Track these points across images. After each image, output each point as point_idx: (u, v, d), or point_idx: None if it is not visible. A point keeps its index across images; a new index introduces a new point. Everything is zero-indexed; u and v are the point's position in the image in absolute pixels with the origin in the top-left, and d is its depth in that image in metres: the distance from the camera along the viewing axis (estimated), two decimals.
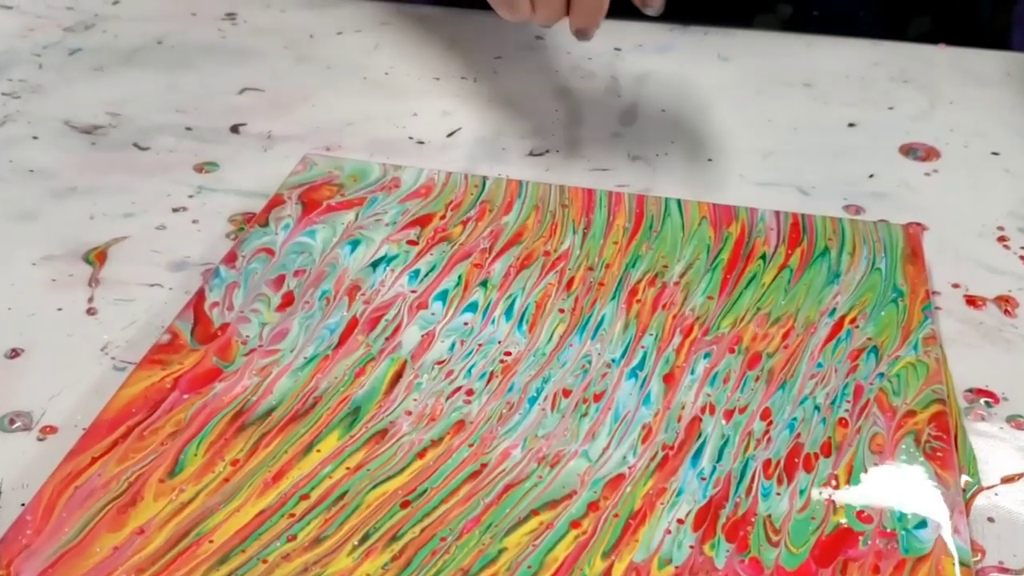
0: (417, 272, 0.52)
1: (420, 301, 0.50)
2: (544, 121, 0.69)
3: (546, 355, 0.47)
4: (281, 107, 0.70)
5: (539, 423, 0.44)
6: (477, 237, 0.54)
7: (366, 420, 0.44)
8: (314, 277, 0.51)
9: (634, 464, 0.43)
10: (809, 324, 0.49)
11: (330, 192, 0.57)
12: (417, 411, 0.44)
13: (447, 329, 0.49)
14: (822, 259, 0.53)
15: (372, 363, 0.47)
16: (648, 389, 0.46)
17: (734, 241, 0.54)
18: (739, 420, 0.44)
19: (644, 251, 0.54)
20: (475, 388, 0.46)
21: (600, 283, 0.52)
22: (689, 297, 0.51)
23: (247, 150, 0.65)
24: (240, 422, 0.44)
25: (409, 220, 0.55)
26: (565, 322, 0.49)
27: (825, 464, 0.43)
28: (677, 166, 0.65)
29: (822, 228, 0.55)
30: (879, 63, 0.77)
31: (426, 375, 0.46)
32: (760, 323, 0.49)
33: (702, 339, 0.48)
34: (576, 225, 0.55)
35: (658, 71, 0.75)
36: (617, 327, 0.49)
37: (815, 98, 0.73)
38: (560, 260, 0.53)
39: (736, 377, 0.46)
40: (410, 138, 0.67)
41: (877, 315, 0.50)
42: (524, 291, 0.51)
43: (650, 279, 0.52)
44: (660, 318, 0.49)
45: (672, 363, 0.47)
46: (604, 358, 0.47)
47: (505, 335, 0.48)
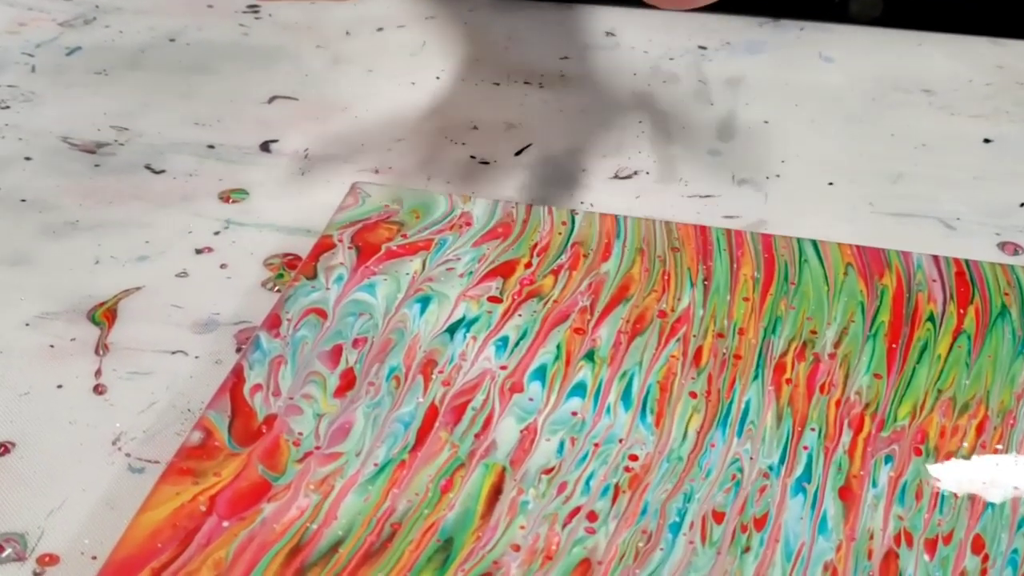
0: (505, 340, 0.40)
1: (513, 382, 0.38)
2: (626, 135, 0.58)
3: (683, 460, 0.36)
4: (318, 119, 0.58)
5: (689, 563, 0.33)
6: (574, 292, 0.42)
7: (462, 559, 0.33)
8: (378, 349, 0.40)
9: None
10: (1006, 412, 0.38)
11: (389, 232, 0.45)
12: (527, 545, 0.33)
13: (552, 422, 0.38)
14: (1002, 321, 0.42)
15: (461, 472, 0.35)
16: (823, 510, 0.34)
17: (892, 297, 0.43)
18: (945, 554, 0.33)
19: (784, 311, 0.42)
20: (598, 510, 0.34)
21: (736, 355, 0.40)
22: (851, 375, 0.40)
23: (281, 172, 0.54)
24: (299, 563, 0.33)
25: (488, 269, 0.44)
26: (700, 412, 0.38)
27: None
28: (792, 192, 0.54)
29: (994, 279, 0.44)
30: (1004, 66, 0.65)
31: (532, 490, 0.35)
32: (945, 412, 0.38)
33: (878, 435, 0.37)
34: (694, 276, 0.44)
35: (752, 74, 0.64)
36: (768, 419, 0.38)
37: (940, 108, 0.61)
38: (681, 323, 0.41)
39: (931, 491, 0.35)
40: (472, 157, 0.55)
41: None
42: (641, 367, 0.39)
43: (798, 350, 0.41)
44: (820, 405, 0.38)
45: (847, 471, 0.36)
46: (759, 465, 0.36)
47: (627, 431, 0.37)
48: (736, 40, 0.68)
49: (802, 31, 0.69)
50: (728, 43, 0.68)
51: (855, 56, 0.67)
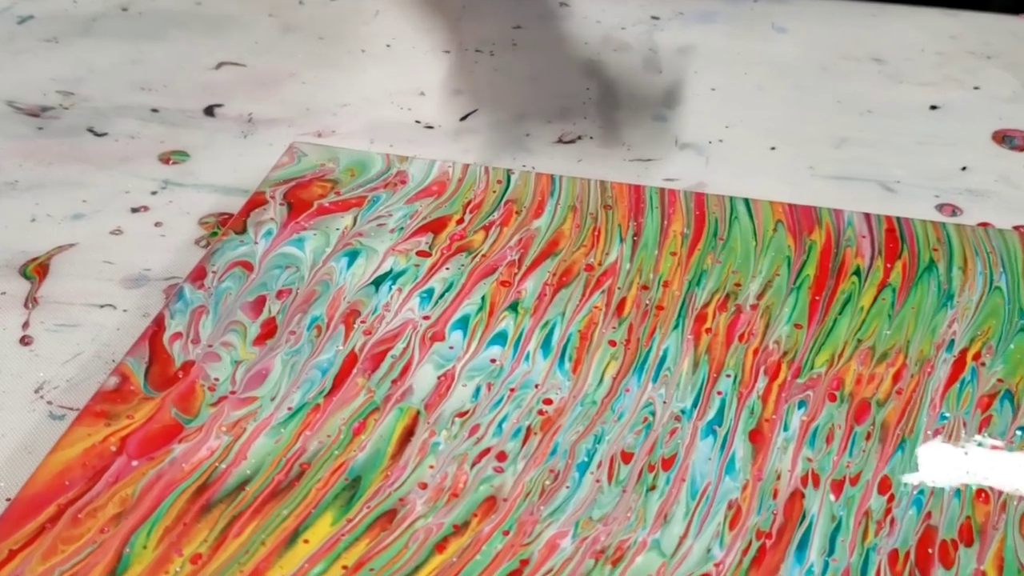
0: (430, 292, 0.40)
1: (435, 331, 0.38)
2: (574, 101, 0.58)
3: (597, 404, 0.36)
4: (264, 85, 0.58)
5: (593, 500, 0.33)
6: (503, 247, 0.42)
7: (368, 496, 0.33)
8: (302, 299, 0.40)
9: (721, 560, 0.32)
10: (924, 361, 0.38)
11: (323, 190, 0.45)
12: (434, 483, 0.33)
13: (470, 369, 0.37)
14: (929, 275, 0.42)
15: (375, 415, 0.35)
16: (731, 451, 0.34)
17: (819, 252, 0.43)
18: (851, 494, 0.33)
19: (710, 265, 0.42)
20: (508, 450, 0.34)
21: (658, 306, 0.40)
22: (772, 325, 0.40)
23: (223, 136, 0.54)
24: (205, 500, 0.33)
25: (419, 225, 0.44)
26: (618, 359, 0.38)
27: (967, 556, 0.32)
28: (734, 156, 0.54)
29: (924, 236, 0.44)
30: (957, 36, 0.66)
31: (444, 432, 0.35)
32: (864, 360, 0.38)
33: (793, 382, 0.37)
34: (624, 231, 0.44)
35: (703, 43, 0.64)
36: (684, 365, 0.38)
37: (889, 76, 0.62)
38: (607, 276, 0.42)
39: (842, 434, 0.35)
40: (417, 122, 0.55)
41: (1005, 348, 0.39)
42: (564, 317, 0.39)
43: (720, 301, 0.41)
44: (737, 353, 0.38)
45: (759, 415, 0.36)
46: (671, 408, 0.36)
47: (543, 377, 0.37)
48: (689, 10, 0.69)
49: (756, 2, 0.69)
50: (681, 13, 0.68)
51: (808, 27, 0.67)
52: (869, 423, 0.37)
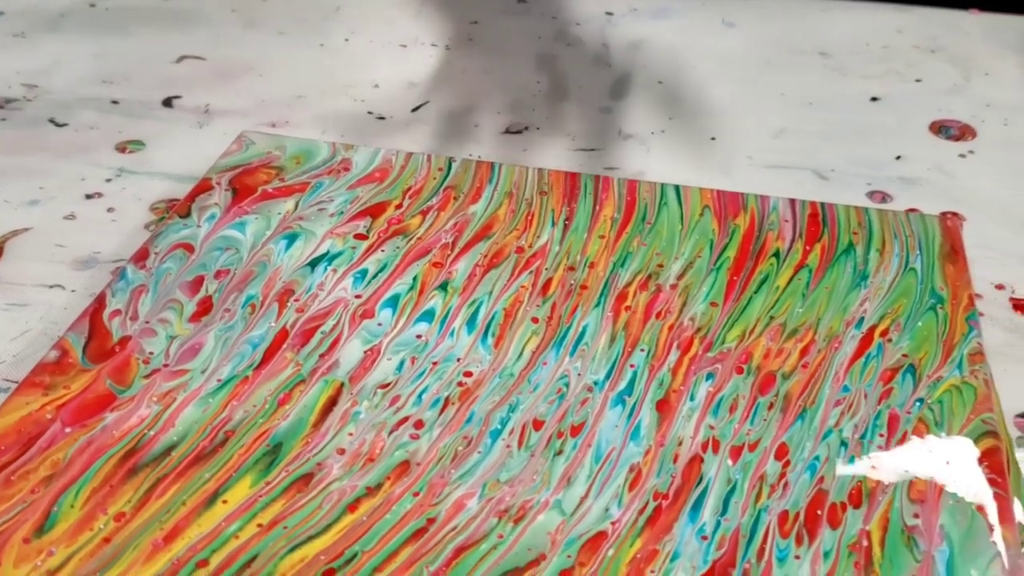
0: (364, 273, 0.42)
1: (365, 308, 0.40)
2: (524, 95, 0.60)
3: (514, 376, 0.38)
4: (223, 77, 0.60)
5: (502, 464, 0.35)
6: (438, 230, 0.44)
7: (287, 461, 0.35)
8: (239, 279, 0.42)
9: (619, 518, 0.33)
10: (832, 337, 0.40)
11: (267, 176, 0.47)
12: (352, 449, 0.35)
13: (396, 344, 0.39)
14: (846, 257, 0.44)
15: (301, 387, 0.37)
16: (638, 419, 0.36)
17: (742, 235, 0.45)
18: (749, 459, 0.35)
19: (635, 247, 0.44)
20: (425, 419, 0.36)
21: (582, 286, 0.42)
22: (689, 303, 0.41)
23: (180, 126, 0.56)
24: (131, 464, 0.34)
25: (359, 210, 0.46)
26: (539, 334, 0.40)
27: (855, 517, 0.33)
28: (675, 146, 0.56)
29: (845, 220, 0.46)
30: (903, 30, 0.68)
31: (366, 402, 0.37)
32: (773, 336, 0.40)
33: (704, 356, 0.39)
34: (556, 216, 0.46)
35: (654, 38, 0.66)
36: (601, 341, 0.40)
37: (833, 69, 0.63)
38: (536, 258, 0.43)
39: (745, 404, 0.37)
40: (369, 113, 0.57)
41: (913, 326, 0.40)
42: (491, 296, 0.41)
43: (642, 281, 0.42)
44: (653, 329, 0.40)
45: (667, 386, 0.38)
46: (585, 380, 0.38)
47: (465, 351, 0.39)
48: (643, 7, 0.71)
49: None
50: (635, 9, 0.70)
51: (758, 22, 0.69)
52: (773, 394, 0.39)
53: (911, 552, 0.33)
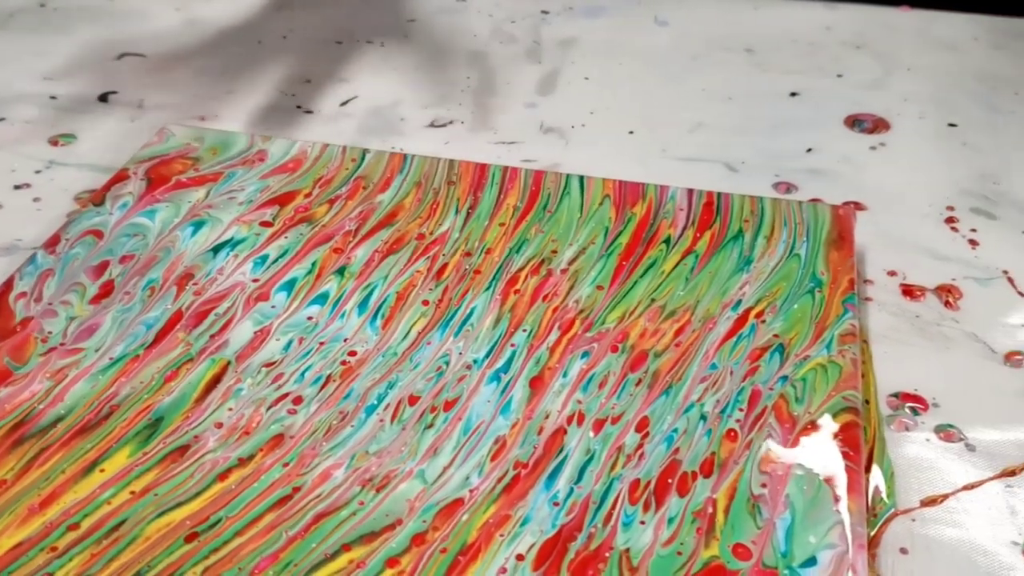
0: (265, 258, 0.44)
1: (261, 292, 0.42)
2: (452, 89, 0.62)
3: (398, 355, 0.40)
4: (159, 73, 0.63)
5: (373, 437, 0.36)
6: (344, 218, 0.46)
7: (166, 434, 0.37)
8: (142, 264, 0.43)
9: (477, 486, 0.35)
10: (708, 318, 0.41)
11: (183, 166, 0.49)
12: (230, 423, 0.37)
13: (287, 325, 0.41)
14: (734, 244, 0.45)
15: (188, 365, 0.39)
16: (510, 395, 0.38)
17: (637, 223, 0.47)
18: (610, 432, 0.37)
19: (533, 234, 0.46)
20: (305, 395, 0.38)
21: (476, 271, 0.44)
22: (576, 287, 0.43)
23: (112, 120, 0.58)
24: (19, 435, 0.36)
25: (268, 198, 0.47)
26: (427, 316, 0.42)
27: (704, 486, 0.35)
28: (594, 139, 0.58)
29: (739, 209, 0.47)
30: (832, 27, 0.69)
31: (249, 379, 0.39)
32: (652, 317, 0.42)
33: (583, 336, 0.41)
34: (460, 204, 0.47)
35: (586, 36, 0.68)
36: (487, 322, 0.41)
37: (756, 65, 0.65)
38: (435, 244, 0.45)
39: (615, 380, 0.39)
40: (298, 107, 0.59)
41: (789, 308, 0.42)
42: (386, 280, 0.43)
43: (534, 266, 0.44)
44: (538, 311, 0.42)
45: (543, 364, 0.39)
46: (465, 359, 0.40)
47: (353, 332, 0.41)
48: (579, 5, 0.72)
49: None
50: (571, 8, 0.72)
51: (689, 20, 0.71)
52: (643, 371, 0.40)
53: (754, 519, 0.35)
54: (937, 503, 0.39)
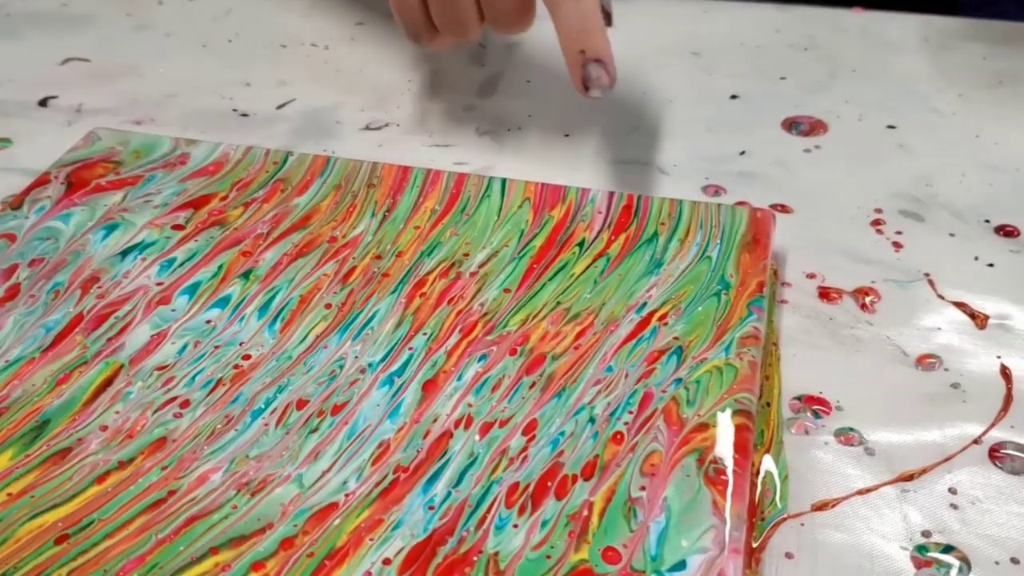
0: (172, 261, 0.44)
1: (164, 295, 0.42)
2: (393, 92, 0.62)
3: (292, 359, 0.40)
4: (103, 78, 0.63)
5: (255, 441, 0.36)
6: (257, 221, 0.46)
7: (51, 436, 0.37)
8: (51, 267, 0.44)
9: (353, 491, 0.35)
10: (611, 321, 0.41)
11: (105, 170, 0.49)
12: (115, 426, 0.37)
13: (184, 328, 0.41)
14: (647, 246, 0.45)
15: (82, 368, 0.39)
16: (401, 399, 0.38)
17: (553, 226, 0.46)
18: (496, 435, 0.37)
19: (448, 237, 0.46)
20: (193, 399, 0.38)
21: (384, 274, 0.44)
22: (483, 290, 0.43)
23: (49, 125, 0.58)
24: None
25: (183, 201, 0.47)
26: (328, 320, 0.41)
27: (582, 489, 0.35)
28: (529, 142, 0.57)
29: (657, 211, 0.47)
30: (781, 29, 0.69)
31: (140, 383, 0.38)
32: (555, 320, 0.41)
33: (483, 339, 0.40)
34: (378, 207, 0.47)
35: (533, 40, 0.67)
36: (388, 325, 0.41)
37: (700, 68, 0.65)
38: (346, 248, 0.45)
39: (509, 383, 0.38)
40: (234, 110, 0.59)
41: (693, 311, 0.42)
42: (291, 283, 0.43)
43: (444, 269, 0.44)
44: (441, 315, 0.42)
45: (439, 367, 0.39)
46: (361, 362, 0.39)
47: (250, 336, 0.41)
48: None
49: None
50: None
51: (638, 22, 0.71)
52: (538, 374, 0.40)
53: (628, 522, 0.35)
54: (828, 507, 0.38)
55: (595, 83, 0.48)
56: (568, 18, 0.48)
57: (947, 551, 0.37)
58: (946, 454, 0.40)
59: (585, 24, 0.48)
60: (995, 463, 0.40)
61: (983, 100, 0.61)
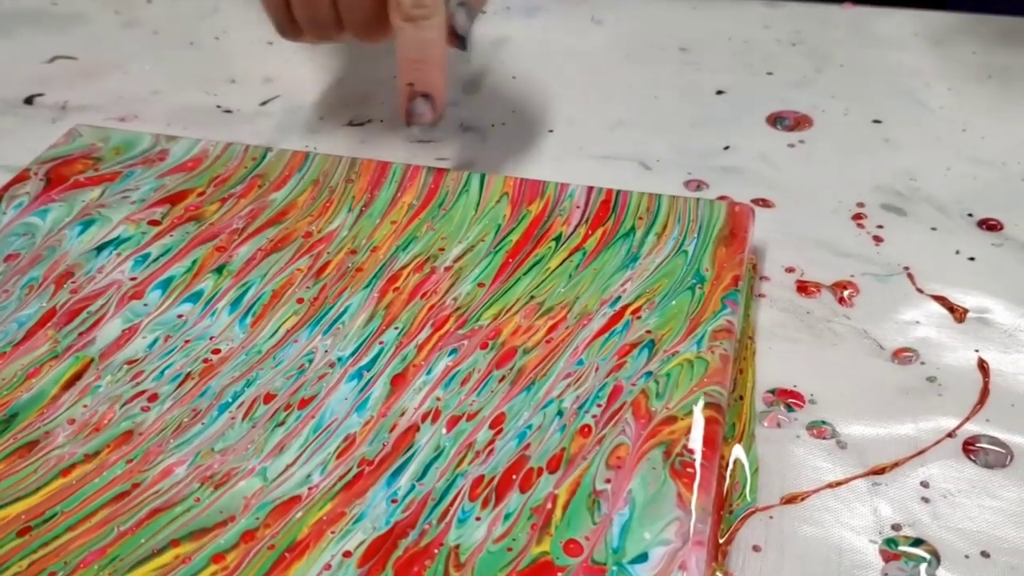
0: (146, 256, 0.44)
1: (137, 290, 0.42)
2: (376, 90, 0.61)
3: (261, 353, 0.40)
4: (89, 76, 0.63)
5: (221, 435, 0.36)
6: (233, 216, 0.46)
7: (18, 430, 0.37)
8: (26, 263, 0.44)
9: (317, 484, 0.35)
10: (584, 315, 0.41)
11: (84, 166, 0.49)
12: (82, 419, 0.37)
13: (156, 323, 0.41)
14: (624, 240, 0.45)
15: (52, 363, 0.39)
16: (369, 393, 0.38)
17: (530, 221, 0.46)
18: (463, 429, 0.37)
19: (424, 232, 0.45)
20: (161, 392, 0.38)
21: (358, 269, 0.44)
22: (457, 284, 0.43)
23: (34, 122, 0.58)
24: None
25: (160, 197, 0.47)
26: (299, 314, 0.41)
27: (547, 482, 0.35)
28: (512, 138, 0.57)
29: (635, 206, 0.47)
30: (770, 25, 0.69)
31: (109, 376, 0.38)
32: (528, 314, 0.41)
33: (454, 333, 0.40)
34: (355, 202, 0.47)
35: (520, 35, 0.68)
36: (359, 319, 0.41)
37: (687, 63, 0.65)
38: (322, 242, 0.45)
39: (479, 377, 0.38)
40: (218, 107, 0.59)
41: (667, 304, 0.41)
42: (264, 278, 0.43)
43: (418, 264, 0.44)
44: (414, 309, 0.41)
45: (409, 361, 0.39)
46: (330, 356, 0.39)
47: (221, 330, 0.41)
48: (516, 4, 0.72)
49: None
50: (508, 8, 0.72)
51: (625, 19, 0.70)
52: (508, 368, 0.40)
53: (591, 514, 0.34)
54: (798, 500, 0.38)
55: (417, 119, 0.48)
56: (405, 45, 0.47)
57: (916, 544, 0.36)
58: (919, 447, 0.40)
59: (422, 54, 0.47)
60: (969, 457, 0.40)
61: (972, 95, 0.61)
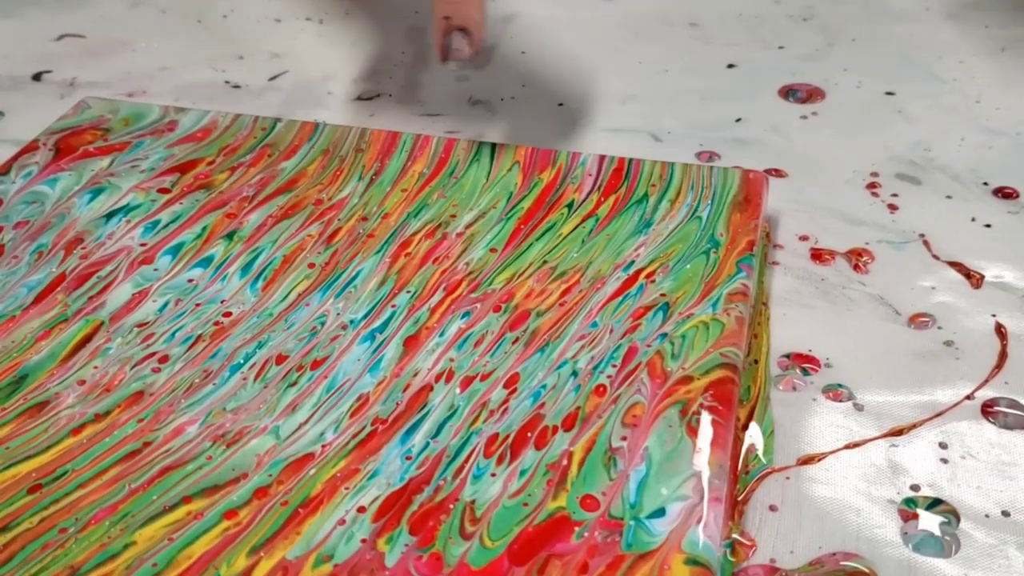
0: (156, 223, 0.44)
1: (147, 256, 0.42)
2: (386, 64, 0.61)
3: (273, 316, 0.39)
4: (97, 53, 0.62)
5: (233, 395, 0.36)
6: (243, 184, 0.46)
7: (28, 390, 0.36)
8: (35, 229, 0.43)
9: (330, 442, 0.34)
10: (598, 279, 0.41)
11: (93, 137, 0.49)
12: (92, 380, 0.36)
13: (166, 287, 0.41)
14: (637, 207, 0.45)
15: (63, 325, 0.39)
16: (382, 354, 0.37)
17: (542, 188, 0.46)
18: (477, 388, 0.36)
19: (435, 199, 0.45)
20: (172, 354, 0.38)
21: (370, 235, 0.43)
22: (469, 250, 0.42)
23: (42, 98, 0.58)
24: None
25: (170, 166, 0.47)
26: (311, 279, 0.41)
27: (562, 439, 0.34)
28: (521, 112, 0.57)
29: (648, 173, 0.47)
30: (781, 1, 0.68)
31: (119, 339, 0.38)
32: (541, 278, 0.41)
33: (467, 296, 0.40)
34: (365, 171, 0.47)
35: (529, 11, 0.67)
36: (371, 284, 0.41)
37: (697, 38, 0.64)
38: (332, 210, 0.45)
39: (492, 339, 0.38)
40: (226, 82, 0.59)
41: (681, 268, 0.41)
42: (274, 244, 0.43)
43: (430, 230, 0.44)
44: (426, 273, 0.41)
45: (421, 323, 0.39)
46: (342, 319, 0.39)
47: (232, 294, 0.40)
48: None
49: None
50: None
51: None
52: (522, 330, 0.40)
53: (608, 471, 0.34)
54: (815, 461, 0.38)
55: (454, 55, 0.47)
56: None
57: (935, 504, 0.36)
58: (937, 410, 0.39)
59: None
60: (988, 419, 0.39)
61: (985, 67, 0.61)
